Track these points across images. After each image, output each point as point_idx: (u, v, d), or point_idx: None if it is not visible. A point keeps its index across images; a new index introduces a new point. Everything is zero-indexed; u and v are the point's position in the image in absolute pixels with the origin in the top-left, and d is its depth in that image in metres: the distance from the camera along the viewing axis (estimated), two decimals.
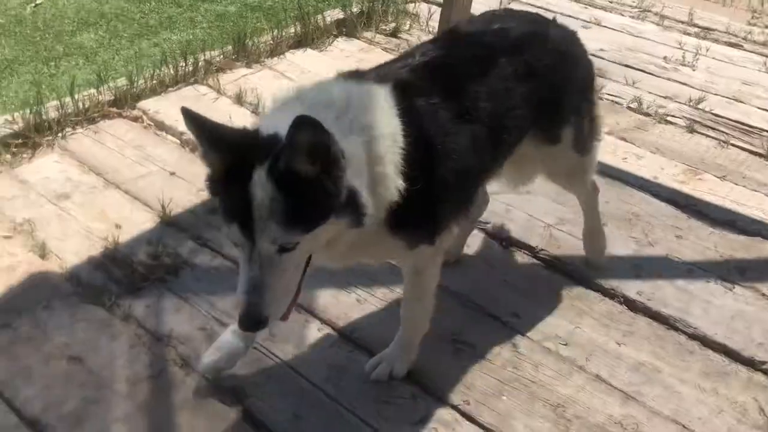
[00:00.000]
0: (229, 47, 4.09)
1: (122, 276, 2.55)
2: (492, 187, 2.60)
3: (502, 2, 5.00)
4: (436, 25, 4.51)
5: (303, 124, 1.52)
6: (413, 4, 4.93)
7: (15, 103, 3.70)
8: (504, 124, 2.12)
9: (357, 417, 2.13)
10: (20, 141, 3.18)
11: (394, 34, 4.56)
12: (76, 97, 3.44)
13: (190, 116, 1.66)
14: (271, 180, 1.57)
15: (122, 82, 3.64)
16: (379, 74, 2.01)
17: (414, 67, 2.03)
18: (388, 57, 4.18)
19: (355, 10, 4.60)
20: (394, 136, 1.80)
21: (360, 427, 2.10)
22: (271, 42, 4.19)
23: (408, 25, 4.66)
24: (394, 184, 1.78)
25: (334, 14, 4.60)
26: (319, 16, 4.47)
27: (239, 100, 3.66)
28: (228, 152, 1.63)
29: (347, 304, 2.53)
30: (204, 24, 4.86)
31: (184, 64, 3.81)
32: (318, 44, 4.34)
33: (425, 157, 1.87)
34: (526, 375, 2.30)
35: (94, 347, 2.28)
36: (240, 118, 3.49)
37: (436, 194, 1.93)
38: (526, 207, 3.04)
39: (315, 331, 2.42)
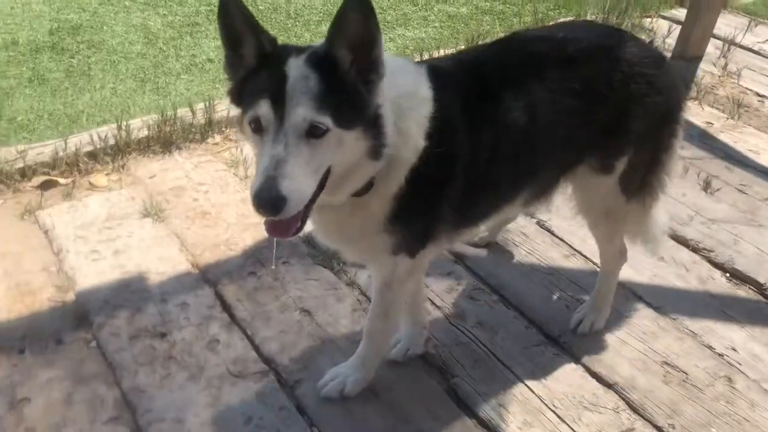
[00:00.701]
0: (462, 47, 4.25)
1: None
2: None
3: (750, 26, 4.71)
4: (674, 42, 4.37)
5: (356, 1, 1.53)
6: (650, 20, 4.79)
7: None
8: (541, 141, 1.99)
9: (557, 416, 2.17)
10: None
11: None
12: None
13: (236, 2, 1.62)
14: (309, 63, 1.59)
15: None
16: (423, 61, 2.01)
17: (457, 61, 2.03)
18: None
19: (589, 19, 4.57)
20: (424, 103, 1.79)
21: (559, 426, 2.14)
22: None
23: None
24: (415, 143, 1.77)
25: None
26: (551, 23, 4.49)
27: None
28: (267, 41, 1.64)
29: (556, 309, 2.57)
30: (436, 23, 5.08)
31: (419, 60, 4.01)
32: None
33: (442, 142, 1.80)
34: (740, 412, 2.20)
35: (322, 304, 2.53)
36: None
37: (443, 187, 1.87)
38: (758, 240, 2.87)
39: (522, 329, 2.49)
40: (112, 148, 3.20)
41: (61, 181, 3.02)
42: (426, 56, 4.05)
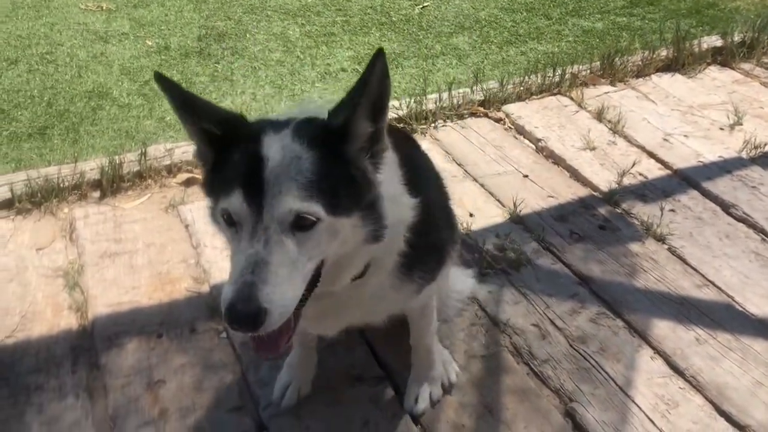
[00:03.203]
0: (597, 63, 4.14)
1: (471, 259, 2.79)
2: None
3: None
4: None
5: (383, 54, 1.29)
6: None
7: (397, 92, 4.22)
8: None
9: None
10: (402, 126, 3.63)
11: None
12: (452, 93, 3.80)
13: (166, 83, 1.42)
14: (301, 138, 1.35)
15: (492, 84, 3.92)
16: None
17: None
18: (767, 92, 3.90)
19: (736, 39, 4.33)
20: (394, 160, 1.63)
21: None
22: (639, 63, 4.14)
23: None
24: (408, 202, 1.60)
25: (712, 41, 4.38)
26: (695, 42, 4.29)
27: (599, 116, 3.71)
28: (224, 121, 1.42)
29: (685, 341, 2.45)
30: (570, 38, 4.99)
31: (551, 75, 3.96)
32: (688, 70, 4.18)
33: (416, 184, 1.69)
34: None
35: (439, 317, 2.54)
36: (598, 135, 3.56)
37: (434, 221, 1.83)
38: None
39: (647, 358, 2.39)
40: None
41: None
42: (559, 71, 3.99)
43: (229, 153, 1.39)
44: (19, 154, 3.57)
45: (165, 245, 2.85)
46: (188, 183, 3.20)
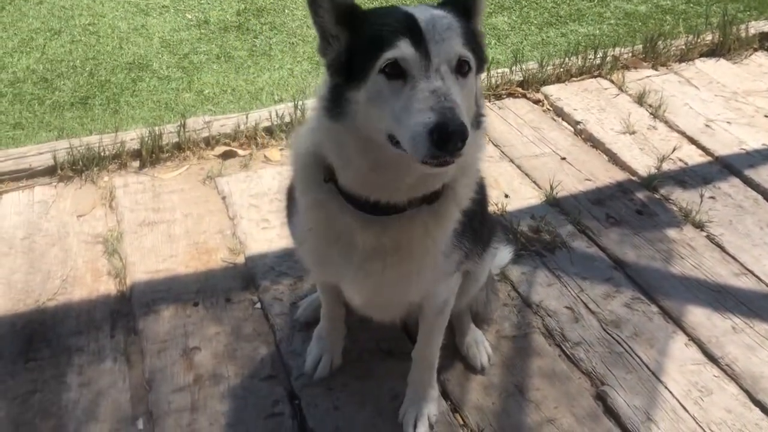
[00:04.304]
0: (639, 46, 4.07)
1: (505, 240, 2.77)
2: None
3: None
4: None
5: None
6: None
7: None
8: None
9: None
10: None
11: None
12: (490, 73, 3.77)
13: None
14: (439, 5, 1.51)
15: (532, 65, 3.88)
16: None
17: None
18: None
19: None
20: None
21: None
22: (683, 47, 4.05)
23: None
24: (483, 143, 1.73)
25: (759, 26, 4.27)
26: (741, 26, 4.19)
27: (640, 99, 3.65)
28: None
29: (721, 329, 2.42)
30: (612, 20, 4.89)
31: (592, 57, 3.90)
32: (733, 56, 4.08)
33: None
34: None
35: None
36: (638, 119, 3.51)
37: (483, 212, 1.93)
38: None
39: (681, 345, 2.37)
40: (287, 125, 3.38)
41: (240, 152, 3.25)
42: (600, 54, 3.93)
43: (372, 23, 1.47)
44: (62, 123, 3.64)
45: (202, 216, 2.89)
46: (225, 156, 3.23)
